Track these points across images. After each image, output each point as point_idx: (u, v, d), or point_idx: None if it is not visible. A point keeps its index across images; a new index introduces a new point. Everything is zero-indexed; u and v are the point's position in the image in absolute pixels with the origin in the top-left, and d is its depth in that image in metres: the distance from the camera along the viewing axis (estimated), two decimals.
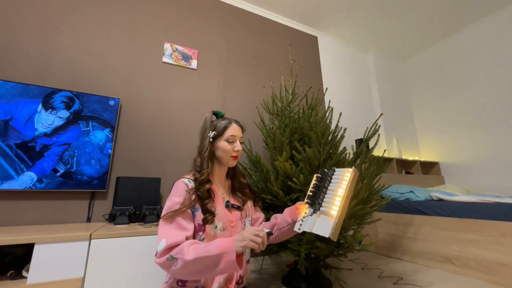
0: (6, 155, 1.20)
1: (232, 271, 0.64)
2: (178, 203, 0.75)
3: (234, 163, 0.91)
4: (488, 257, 1.40)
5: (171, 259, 0.65)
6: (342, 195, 0.70)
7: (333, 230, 0.65)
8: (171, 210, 0.73)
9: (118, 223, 1.30)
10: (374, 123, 1.29)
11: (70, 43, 1.63)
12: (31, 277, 0.94)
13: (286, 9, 2.57)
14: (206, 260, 0.63)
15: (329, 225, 0.67)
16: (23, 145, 1.24)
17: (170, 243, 0.66)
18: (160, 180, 1.55)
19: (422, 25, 2.85)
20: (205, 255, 0.63)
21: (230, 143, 0.87)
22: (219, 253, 0.62)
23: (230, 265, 0.62)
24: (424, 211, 1.80)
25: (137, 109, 1.73)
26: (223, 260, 0.62)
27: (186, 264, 0.63)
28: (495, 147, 2.51)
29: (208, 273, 0.65)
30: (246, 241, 0.64)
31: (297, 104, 1.68)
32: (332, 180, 0.78)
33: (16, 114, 1.25)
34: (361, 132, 1.72)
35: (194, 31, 2.12)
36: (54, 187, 1.29)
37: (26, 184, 1.23)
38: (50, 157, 1.29)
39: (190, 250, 0.64)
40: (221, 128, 0.88)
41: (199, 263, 0.63)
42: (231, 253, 0.62)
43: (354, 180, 0.73)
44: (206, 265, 0.63)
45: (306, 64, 2.66)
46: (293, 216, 0.83)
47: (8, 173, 1.20)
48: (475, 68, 2.76)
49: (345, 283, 1.34)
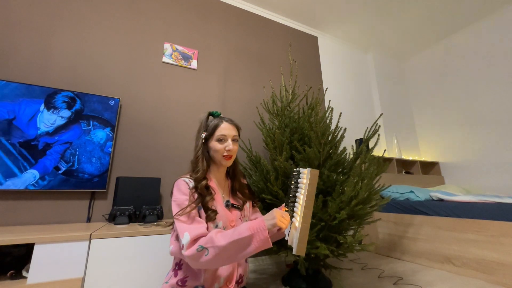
0: (9, 153, 1.23)
1: (265, 247, 0.67)
2: (185, 199, 0.76)
3: (228, 163, 0.89)
4: (488, 257, 1.40)
5: (202, 249, 0.66)
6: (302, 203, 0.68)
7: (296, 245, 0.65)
8: (181, 207, 0.74)
9: (118, 223, 1.30)
10: (374, 123, 1.29)
11: (71, 43, 1.63)
12: (31, 277, 0.94)
13: (286, 9, 2.57)
14: (239, 242, 0.66)
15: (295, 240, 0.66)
16: (26, 144, 1.27)
17: (194, 235, 0.68)
18: (160, 180, 1.55)
19: (422, 25, 2.85)
20: (237, 238, 0.65)
21: (220, 142, 0.86)
22: (251, 233, 0.66)
23: (264, 243, 0.66)
24: (424, 211, 1.80)
25: (137, 109, 1.73)
26: (256, 239, 0.66)
27: (220, 251, 0.65)
28: (495, 147, 2.51)
29: (240, 255, 0.67)
30: (276, 219, 0.68)
31: (297, 104, 1.68)
32: (298, 184, 0.75)
33: (20, 113, 1.28)
34: (361, 132, 1.72)
35: (194, 31, 2.12)
36: (56, 184, 1.31)
37: (29, 182, 1.25)
38: (52, 155, 1.32)
39: (220, 237, 0.67)
40: (211, 128, 0.88)
41: (232, 246, 0.65)
42: (263, 231, 0.66)
43: (313, 183, 0.68)
44: (239, 247, 0.66)
45: (306, 64, 2.66)
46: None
47: (11, 171, 1.23)
48: (475, 68, 2.76)
49: (345, 283, 1.34)
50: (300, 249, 0.65)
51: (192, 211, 0.74)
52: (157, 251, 1.15)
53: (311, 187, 0.68)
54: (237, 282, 0.82)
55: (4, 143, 1.23)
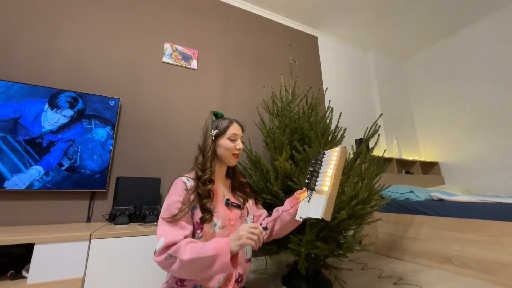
0: (16, 150, 1.30)
1: (226, 272, 0.65)
2: (177, 201, 0.75)
3: (235, 162, 0.93)
4: (488, 257, 1.40)
5: (169, 257, 0.65)
6: (331, 174, 0.71)
7: (324, 209, 0.65)
8: (169, 209, 0.74)
9: (118, 223, 1.30)
10: (374, 123, 1.29)
11: (71, 43, 1.63)
12: (31, 277, 0.94)
13: (286, 9, 2.57)
14: (201, 261, 0.63)
15: (321, 204, 0.67)
16: (31, 141, 1.34)
17: (168, 242, 0.67)
18: (160, 180, 1.55)
19: (422, 25, 2.85)
20: (200, 256, 0.63)
21: (232, 141, 0.89)
22: (214, 254, 0.63)
23: (224, 267, 0.63)
24: (424, 211, 1.80)
25: (138, 109, 1.73)
26: (218, 262, 0.63)
27: (182, 264, 0.64)
28: (495, 147, 2.51)
29: (203, 273, 0.66)
30: (243, 239, 0.64)
31: (297, 104, 1.68)
32: (323, 163, 0.79)
33: (25, 112, 1.35)
34: (361, 132, 1.72)
35: (194, 31, 2.12)
36: (59, 180, 1.37)
37: (34, 177, 1.32)
38: (56, 152, 1.38)
39: (187, 250, 0.65)
40: (224, 127, 0.91)
41: (194, 263, 0.64)
42: (226, 254, 0.63)
43: (342, 158, 0.74)
44: (201, 265, 0.64)
45: (306, 64, 2.66)
46: (292, 204, 0.84)
47: (17, 167, 1.29)
48: (475, 68, 2.76)
49: (345, 283, 1.34)
50: (327, 213, 0.65)
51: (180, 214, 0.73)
52: None
53: (341, 160, 0.73)
54: (237, 281, 0.82)
55: (11, 140, 1.30)
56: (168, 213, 0.73)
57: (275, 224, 0.91)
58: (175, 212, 0.73)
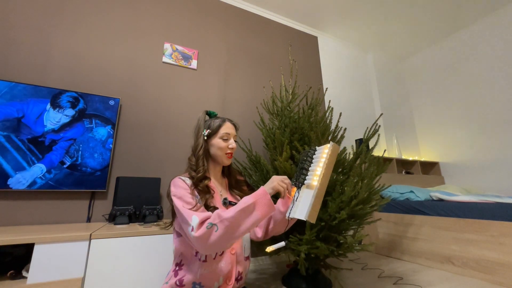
0: (19, 149, 1.33)
1: (269, 212, 0.71)
2: (186, 192, 0.77)
3: (229, 161, 0.92)
4: (488, 257, 1.40)
5: (211, 226, 0.67)
6: (319, 173, 0.70)
7: (308, 211, 0.64)
8: (185, 200, 0.75)
9: (118, 223, 1.30)
10: (374, 123, 1.29)
11: (72, 44, 1.63)
12: (31, 277, 0.94)
13: (286, 9, 2.57)
14: (245, 210, 0.68)
15: (306, 206, 0.66)
16: (34, 140, 1.37)
17: (202, 217, 0.69)
18: (160, 180, 1.55)
19: (422, 25, 2.85)
20: (243, 207, 0.68)
21: (224, 140, 0.89)
22: (255, 200, 0.69)
23: (267, 206, 0.70)
24: (424, 211, 1.80)
25: (138, 109, 1.74)
26: (259, 204, 0.69)
27: (230, 222, 0.66)
28: (495, 147, 2.51)
29: (248, 222, 0.68)
30: (275, 183, 0.74)
31: (297, 104, 1.68)
32: (313, 160, 0.78)
33: (28, 112, 1.39)
34: (361, 132, 1.72)
35: (194, 31, 2.12)
36: (61, 177, 1.39)
37: (37, 175, 1.35)
38: (57, 151, 1.41)
39: (228, 210, 0.69)
40: (216, 126, 0.90)
41: (239, 215, 0.67)
42: (265, 195, 0.71)
43: (334, 155, 0.73)
44: (246, 214, 0.68)
45: (306, 64, 2.66)
46: (285, 204, 0.84)
47: (21, 165, 1.32)
48: (475, 68, 2.76)
49: (345, 283, 1.34)
50: (312, 215, 0.64)
51: (198, 204, 0.75)
52: (157, 251, 1.15)
53: (332, 157, 0.72)
54: (237, 279, 0.83)
55: (14, 139, 1.33)
56: (186, 203, 0.74)
57: (269, 223, 0.91)
58: (191, 201, 0.75)
